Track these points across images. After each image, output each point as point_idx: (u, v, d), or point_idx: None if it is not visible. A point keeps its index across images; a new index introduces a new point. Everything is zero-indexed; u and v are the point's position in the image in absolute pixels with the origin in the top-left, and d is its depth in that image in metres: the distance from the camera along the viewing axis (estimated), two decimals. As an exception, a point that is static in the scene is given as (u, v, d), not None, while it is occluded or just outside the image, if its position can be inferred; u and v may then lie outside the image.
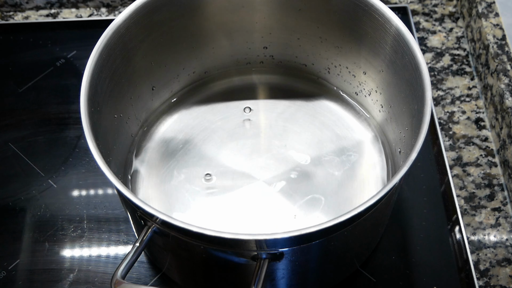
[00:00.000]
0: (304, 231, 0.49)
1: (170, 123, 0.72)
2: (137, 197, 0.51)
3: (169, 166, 0.68)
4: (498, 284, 0.65)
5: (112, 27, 0.60)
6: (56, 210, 0.70)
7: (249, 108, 0.71)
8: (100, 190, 0.71)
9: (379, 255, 0.67)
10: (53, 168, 0.73)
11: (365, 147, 0.70)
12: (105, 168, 0.52)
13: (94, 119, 0.56)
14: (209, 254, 0.54)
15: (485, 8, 0.80)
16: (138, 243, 0.53)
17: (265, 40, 0.72)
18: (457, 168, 0.73)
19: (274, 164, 0.68)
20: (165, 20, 0.65)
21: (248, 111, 0.70)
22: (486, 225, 0.69)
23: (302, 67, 0.74)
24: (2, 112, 0.78)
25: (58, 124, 0.76)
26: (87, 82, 0.57)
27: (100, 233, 0.68)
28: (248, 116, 0.70)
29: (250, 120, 0.69)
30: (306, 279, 0.61)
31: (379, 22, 0.62)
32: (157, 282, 0.65)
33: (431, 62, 0.81)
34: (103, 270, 0.66)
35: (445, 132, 0.75)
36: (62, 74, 0.80)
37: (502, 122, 0.72)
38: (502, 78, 0.74)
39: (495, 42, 0.76)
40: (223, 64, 0.74)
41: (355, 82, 0.71)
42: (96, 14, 0.87)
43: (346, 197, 0.66)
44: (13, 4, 0.86)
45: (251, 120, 0.69)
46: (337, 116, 0.72)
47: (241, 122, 0.71)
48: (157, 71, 0.69)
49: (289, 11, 0.68)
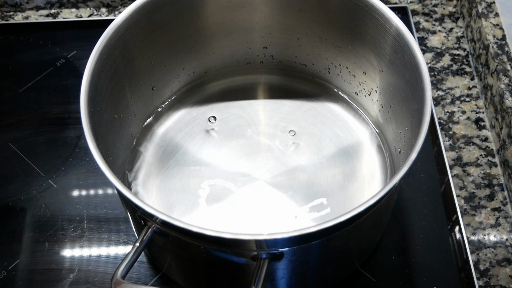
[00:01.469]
0: (304, 231, 0.49)
1: (170, 123, 0.72)
2: (137, 197, 0.51)
3: (169, 166, 0.68)
4: (498, 284, 0.65)
5: (112, 27, 0.60)
6: (56, 210, 0.70)
7: (214, 117, 0.70)
8: (100, 190, 0.71)
9: (379, 255, 0.67)
10: (53, 168, 0.73)
11: (365, 147, 0.70)
12: (105, 168, 0.52)
13: (94, 119, 0.56)
14: (209, 254, 0.54)
15: (485, 8, 0.80)
16: (138, 243, 0.52)
17: (265, 40, 0.72)
18: (457, 168, 0.73)
19: (275, 164, 0.68)
20: (165, 20, 0.65)
21: (213, 120, 0.70)
22: (486, 225, 0.69)
23: (302, 67, 0.74)
24: (2, 112, 0.78)
25: (58, 124, 0.76)
26: (87, 82, 0.57)
27: (100, 233, 0.68)
28: (213, 126, 0.69)
29: (214, 129, 0.69)
30: (306, 279, 0.61)
31: (379, 22, 0.62)
32: (157, 282, 0.65)
33: (431, 62, 0.81)
34: (103, 270, 0.66)
35: (445, 132, 0.75)
36: (62, 74, 0.80)
37: (502, 122, 0.72)
38: (502, 78, 0.74)
39: (495, 42, 0.76)
40: (223, 64, 0.74)
41: (355, 82, 0.71)
42: (96, 14, 0.87)
43: (346, 197, 0.66)
44: (13, 4, 0.86)
45: (215, 130, 0.69)
46: (337, 116, 0.72)
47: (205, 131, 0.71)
48: (157, 71, 0.69)
49: (289, 11, 0.68)
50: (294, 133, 0.70)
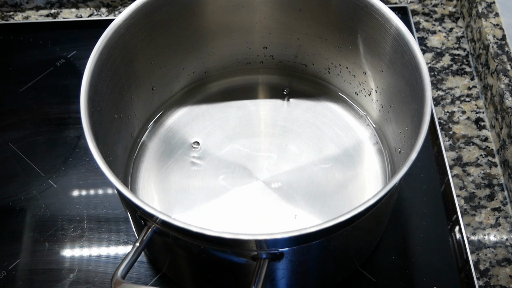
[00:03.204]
0: (304, 231, 0.49)
1: (170, 123, 0.72)
2: (137, 197, 0.51)
3: (169, 166, 0.68)
4: (498, 284, 0.65)
5: (112, 27, 0.60)
6: (56, 210, 0.70)
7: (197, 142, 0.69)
8: (100, 190, 0.71)
9: (379, 255, 0.67)
10: (53, 168, 0.73)
11: (365, 147, 0.70)
12: (105, 168, 0.52)
13: (94, 119, 0.56)
14: (209, 254, 0.54)
15: (485, 8, 0.80)
16: (138, 243, 0.53)
17: (265, 40, 0.72)
18: (457, 168, 0.73)
19: (274, 164, 0.68)
20: (165, 20, 0.65)
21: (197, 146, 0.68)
22: (486, 225, 0.69)
23: (302, 67, 0.74)
24: (2, 112, 0.78)
25: (58, 124, 0.76)
26: (87, 82, 0.57)
27: (100, 233, 0.68)
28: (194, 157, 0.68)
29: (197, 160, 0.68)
30: (306, 279, 0.61)
31: (379, 22, 0.62)
32: (157, 282, 0.65)
33: (431, 62, 0.81)
34: (103, 270, 0.66)
35: (445, 132, 0.75)
36: (62, 74, 0.80)
37: (502, 122, 0.72)
38: (502, 78, 0.74)
39: (495, 42, 0.76)
40: (223, 64, 0.74)
41: (355, 82, 0.71)
42: (96, 14, 0.87)
43: (346, 197, 0.66)
44: (13, 4, 0.86)
45: (198, 161, 0.67)
46: (337, 116, 0.72)
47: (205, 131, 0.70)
48: (157, 71, 0.69)
49: (289, 11, 0.68)
50: (294, 133, 0.70)
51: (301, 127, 0.71)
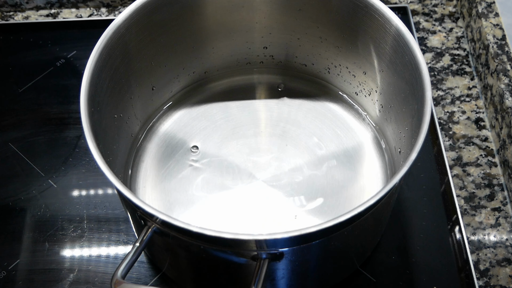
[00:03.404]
0: (304, 231, 0.49)
1: (170, 123, 0.72)
2: (137, 197, 0.51)
3: (169, 166, 0.68)
4: (498, 284, 0.65)
5: (112, 27, 0.60)
6: (56, 210, 0.70)
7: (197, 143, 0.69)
8: (100, 190, 0.71)
9: (379, 255, 0.67)
10: (53, 168, 0.73)
11: (365, 147, 0.70)
12: (105, 168, 0.52)
13: (94, 119, 0.56)
14: (209, 254, 0.54)
15: (485, 8, 0.80)
16: (138, 243, 0.53)
17: (265, 40, 0.72)
18: (457, 168, 0.73)
19: (274, 164, 0.68)
20: (165, 20, 0.65)
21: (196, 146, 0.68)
22: (486, 225, 0.69)
23: (302, 67, 0.74)
24: (2, 112, 0.78)
25: (58, 124, 0.76)
26: (87, 82, 0.57)
27: (100, 233, 0.68)
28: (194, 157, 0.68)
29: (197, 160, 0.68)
30: (306, 279, 0.61)
31: (379, 22, 0.62)
32: (157, 282, 0.65)
33: (431, 62, 0.81)
34: (103, 270, 0.66)
35: (445, 132, 0.75)
36: (62, 74, 0.80)
37: (502, 122, 0.72)
38: (502, 78, 0.74)
39: (495, 42, 0.76)
40: (223, 64, 0.74)
41: (355, 82, 0.71)
42: (96, 14, 0.87)
43: (346, 197, 0.66)
44: (13, 4, 0.86)
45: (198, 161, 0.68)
46: (337, 116, 0.72)
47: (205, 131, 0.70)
48: (157, 71, 0.69)
49: (289, 11, 0.68)
50: (293, 133, 0.70)
51: (301, 127, 0.71)
